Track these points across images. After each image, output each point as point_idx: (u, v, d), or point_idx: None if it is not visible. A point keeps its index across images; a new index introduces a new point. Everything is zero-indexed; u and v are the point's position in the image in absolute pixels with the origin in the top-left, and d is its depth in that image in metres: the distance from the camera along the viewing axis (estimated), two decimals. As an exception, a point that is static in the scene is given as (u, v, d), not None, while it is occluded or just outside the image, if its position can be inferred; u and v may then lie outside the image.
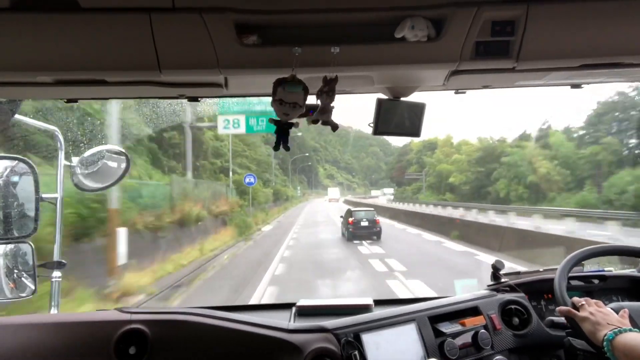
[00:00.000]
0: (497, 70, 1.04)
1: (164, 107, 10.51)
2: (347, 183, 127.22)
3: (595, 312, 1.18)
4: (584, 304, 1.22)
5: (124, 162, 1.85)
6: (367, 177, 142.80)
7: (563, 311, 1.27)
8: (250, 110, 14.02)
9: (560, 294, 1.37)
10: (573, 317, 1.22)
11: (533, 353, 1.52)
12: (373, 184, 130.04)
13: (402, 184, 71.96)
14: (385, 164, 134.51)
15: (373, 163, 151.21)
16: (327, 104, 1.06)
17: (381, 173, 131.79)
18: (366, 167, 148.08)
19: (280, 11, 0.92)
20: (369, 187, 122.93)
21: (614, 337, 1.06)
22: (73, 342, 1.28)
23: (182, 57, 0.95)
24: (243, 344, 1.33)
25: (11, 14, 0.87)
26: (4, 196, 1.61)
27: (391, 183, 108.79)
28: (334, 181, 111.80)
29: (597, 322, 1.14)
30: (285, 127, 1.09)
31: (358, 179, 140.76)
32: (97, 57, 0.94)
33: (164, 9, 0.88)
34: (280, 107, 1.02)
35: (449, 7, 0.91)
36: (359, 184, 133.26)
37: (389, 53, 0.98)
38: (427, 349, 1.37)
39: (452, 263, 11.55)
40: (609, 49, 0.98)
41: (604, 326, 1.11)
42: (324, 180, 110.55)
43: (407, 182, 67.70)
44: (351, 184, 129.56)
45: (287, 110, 1.02)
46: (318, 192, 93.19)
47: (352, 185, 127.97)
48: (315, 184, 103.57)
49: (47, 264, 1.66)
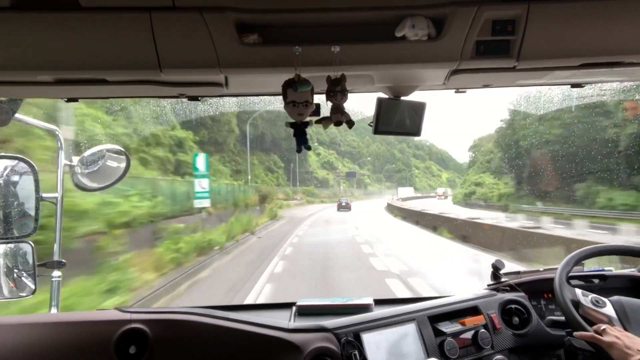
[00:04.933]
0: (497, 69, 1.04)
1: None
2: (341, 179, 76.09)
3: (621, 336, 1.15)
4: (605, 328, 1.19)
5: (124, 162, 1.85)
6: (377, 168, 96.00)
7: (587, 337, 1.22)
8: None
9: (561, 294, 1.37)
10: (599, 343, 1.18)
11: (533, 353, 1.52)
12: (387, 177, 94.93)
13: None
14: (399, 152, 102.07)
15: (384, 150, 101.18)
16: (341, 103, 1.07)
17: (396, 163, 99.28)
18: (374, 155, 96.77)
19: (280, 10, 0.92)
20: (384, 182, 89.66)
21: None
22: (73, 342, 1.28)
23: (183, 56, 0.95)
24: (243, 344, 1.33)
25: (12, 13, 0.88)
26: (4, 196, 1.61)
27: (413, 179, 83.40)
28: (334, 172, 67.21)
29: (627, 346, 1.11)
30: (302, 127, 1.10)
31: (368, 170, 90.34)
32: (97, 56, 0.94)
33: (165, 8, 0.88)
34: (293, 109, 1.03)
35: (450, 6, 0.91)
36: (373, 178, 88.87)
37: (389, 52, 0.98)
38: (427, 349, 1.37)
39: None
40: (610, 48, 0.98)
41: (636, 352, 1.09)
42: (317, 171, 62.79)
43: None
44: (361, 177, 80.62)
45: (301, 110, 1.03)
46: (309, 194, 51.71)
47: (364, 180, 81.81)
48: (302, 178, 57.12)
49: (47, 263, 1.66)
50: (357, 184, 77.19)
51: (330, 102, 1.07)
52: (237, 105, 2.64)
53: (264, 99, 1.88)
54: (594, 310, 1.34)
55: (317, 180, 61.53)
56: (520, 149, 32.69)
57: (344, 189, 65.84)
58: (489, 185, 41.44)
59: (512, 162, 34.41)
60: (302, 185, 55.08)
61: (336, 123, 1.09)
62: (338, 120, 1.09)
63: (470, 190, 44.93)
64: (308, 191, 52.97)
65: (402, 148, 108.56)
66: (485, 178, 43.74)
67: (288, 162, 49.95)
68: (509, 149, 34.75)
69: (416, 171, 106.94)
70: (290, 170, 51.42)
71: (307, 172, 60.78)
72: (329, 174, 67.20)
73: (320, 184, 61.53)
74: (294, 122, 1.08)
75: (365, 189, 78.59)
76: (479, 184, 43.95)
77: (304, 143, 1.12)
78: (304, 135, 1.12)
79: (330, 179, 66.02)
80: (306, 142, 1.13)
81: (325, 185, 63.13)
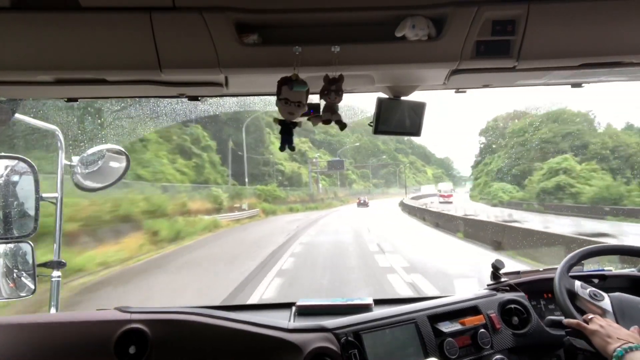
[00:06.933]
0: (497, 69, 1.04)
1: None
2: (320, 176, 53.25)
3: (605, 325, 1.17)
4: (593, 318, 1.22)
5: (124, 162, 1.85)
6: (359, 161, 74.17)
7: (572, 324, 1.26)
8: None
9: (562, 297, 1.37)
10: (582, 330, 1.21)
11: (533, 352, 1.52)
12: (373, 174, 76.00)
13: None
14: (383, 143, 78.62)
15: (366, 142, 74.74)
16: (335, 103, 1.06)
17: (381, 157, 78.85)
18: (355, 148, 73.92)
19: (280, 10, 0.92)
20: (370, 180, 72.85)
21: (624, 354, 1.05)
22: (73, 342, 1.28)
23: (183, 56, 0.95)
24: (243, 344, 1.33)
25: (12, 13, 0.88)
26: (4, 196, 1.61)
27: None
28: (310, 163, 47.75)
29: (607, 334, 1.13)
30: (290, 126, 1.09)
31: (350, 165, 66.89)
32: (97, 56, 0.94)
33: (165, 8, 0.88)
34: (285, 107, 1.02)
35: (450, 6, 0.91)
36: (358, 175, 69.86)
37: (389, 52, 0.98)
38: (426, 349, 1.37)
39: None
40: (609, 48, 0.98)
41: (615, 340, 1.11)
42: (283, 164, 42.73)
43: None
44: (345, 172, 58.25)
45: (292, 109, 1.02)
46: (269, 197, 32.26)
47: (348, 175, 63.12)
48: (259, 172, 37.43)
49: (47, 263, 1.66)
50: (341, 181, 59.16)
51: (324, 101, 1.06)
52: (237, 105, 2.63)
53: (263, 99, 1.89)
54: (590, 303, 1.35)
55: (284, 175, 41.35)
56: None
57: (324, 189, 48.76)
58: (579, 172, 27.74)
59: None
60: (260, 182, 34.84)
61: (325, 121, 1.09)
62: (327, 119, 1.08)
63: (550, 184, 29.51)
64: (267, 193, 32.37)
65: (385, 139, 78.89)
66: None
67: (224, 144, 29.39)
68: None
69: (401, 166, 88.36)
70: (232, 159, 30.92)
71: (267, 162, 38.78)
72: (300, 167, 46.06)
73: (288, 181, 41.06)
74: (283, 120, 1.07)
75: (351, 188, 60.74)
76: (566, 170, 29.91)
77: (288, 143, 1.11)
78: (290, 135, 1.10)
79: (304, 175, 45.54)
80: (291, 142, 1.11)
81: (297, 184, 43.09)
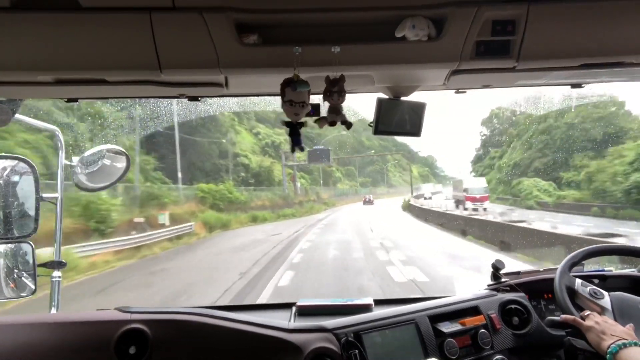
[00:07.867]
0: (497, 69, 1.04)
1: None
2: (299, 172, 40.12)
3: (601, 322, 1.17)
4: (589, 314, 1.22)
5: (124, 162, 1.85)
6: (342, 159, 56.92)
7: (568, 320, 1.26)
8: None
9: (561, 294, 1.37)
10: (578, 327, 1.22)
11: (533, 353, 1.52)
12: (359, 172, 66.18)
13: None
14: (367, 139, 65.93)
15: (348, 136, 53.96)
16: (338, 104, 1.07)
17: (366, 153, 64.18)
18: (338, 143, 51.93)
19: (280, 10, 0.92)
20: (356, 178, 63.44)
21: (618, 351, 1.06)
22: (73, 342, 1.28)
23: (183, 56, 0.95)
24: (243, 344, 1.33)
25: (12, 14, 0.88)
26: (4, 196, 1.61)
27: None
28: (283, 156, 35.39)
29: (602, 331, 1.14)
30: (298, 127, 1.09)
31: (334, 162, 45.63)
32: (97, 57, 0.94)
33: (165, 8, 0.88)
34: (290, 108, 1.03)
35: (450, 6, 0.91)
36: (343, 173, 58.96)
37: (389, 52, 0.98)
38: (427, 349, 1.37)
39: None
40: (610, 48, 0.98)
41: (609, 337, 1.11)
42: (249, 156, 33.45)
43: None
44: (328, 170, 50.05)
45: (297, 110, 1.03)
46: (218, 203, 21.74)
47: (333, 173, 53.36)
48: (212, 166, 28.48)
49: (48, 263, 1.66)
50: (324, 180, 48.54)
51: (327, 102, 1.06)
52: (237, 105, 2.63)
53: (264, 99, 1.88)
54: (590, 301, 1.35)
55: (249, 171, 32.66)
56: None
57: (303, 189, 39.53)
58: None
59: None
60: (214, 180, 26.33)
61: (330, 123, 1.09)
62: (333, 120, 1.08)
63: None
64: (217, 195, 23.32)
65: (369, 135, 53.96)
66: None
67: (155, 120, 17.07)
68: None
69: (389, 164, 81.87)
70: (168, 144, 22.45)
71: (224, 153, 30.14)
72: (274, 162, 36.68)
73: (253, 178, 32.86)
74: (289, 121, 1.08)
75: (335, 188, 52.90)
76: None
77: (297, 144, 1.12)
78: (299, 136, 1.11)
79: (277, 171, 36.11)
80: (300, 142, 1.12)
81: (267, 182, 34.54)
